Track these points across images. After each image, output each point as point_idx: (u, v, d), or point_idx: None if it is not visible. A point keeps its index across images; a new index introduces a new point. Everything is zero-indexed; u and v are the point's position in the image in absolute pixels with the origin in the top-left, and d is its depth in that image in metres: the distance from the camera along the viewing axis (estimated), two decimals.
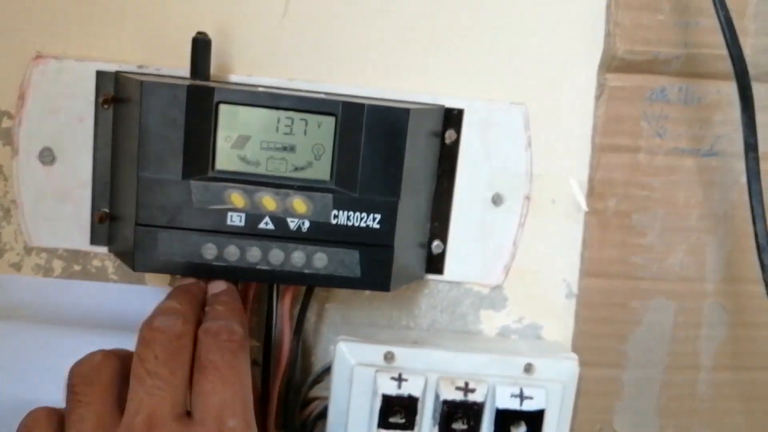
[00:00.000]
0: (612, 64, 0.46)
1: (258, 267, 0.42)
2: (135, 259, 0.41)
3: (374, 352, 0.45)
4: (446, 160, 0.46)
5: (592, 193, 0.48)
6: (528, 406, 0.44)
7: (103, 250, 0.47)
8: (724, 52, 0.43)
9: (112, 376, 0.36)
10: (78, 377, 0.36)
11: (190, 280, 0.42)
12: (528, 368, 0.46)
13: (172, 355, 0.36)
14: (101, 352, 0.38)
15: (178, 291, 0.41)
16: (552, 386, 0.45)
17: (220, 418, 0.35)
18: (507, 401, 0.44)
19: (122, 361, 0.37)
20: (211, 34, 0.43)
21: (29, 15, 0.45)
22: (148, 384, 0.35)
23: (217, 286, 0.42)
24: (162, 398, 0.35)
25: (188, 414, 0.36)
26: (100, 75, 0.45)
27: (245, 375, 0.36)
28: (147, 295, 0.48)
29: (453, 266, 0.48)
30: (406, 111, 0.41)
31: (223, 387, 0.35)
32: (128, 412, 0.35)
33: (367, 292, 0.49)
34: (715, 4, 0.43)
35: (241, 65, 0.46)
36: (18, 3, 0.44)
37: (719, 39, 0.43)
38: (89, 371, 0.36)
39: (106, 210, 0.46)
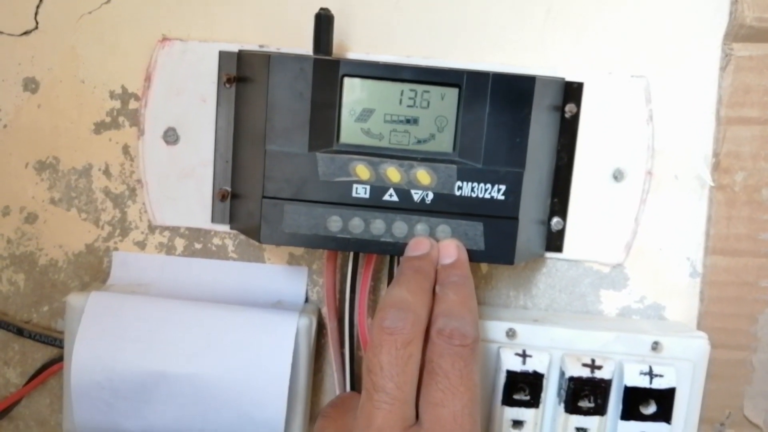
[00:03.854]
0: (739, 33, 0.45)
1: (382, 239, 0.42)
2: (261, 232, 0.42)
3: (496, 329, 0.44)
4: (566, 134, 0.46)
5: (717, 168, 0.46)
6: (658, 384, 0.43)
7: (223, 228, 0.47)
8: None
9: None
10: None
11: (419, 250, 0.40)
12: (655, 346, 0.44)
13: (399, 367, 0.34)
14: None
15: (410, 271, 0.39)
16: (682, 365, 0.44)
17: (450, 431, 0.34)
18: (636, 379, 0.43)
19: None
20: None
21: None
22: (374, 398, 0.34)
23: (448, 255, 0.40)
24: (390, 412, 0.34)
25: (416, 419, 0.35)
26: (223, 55, 0.46)
27: (475, 384, 0.35)
28: (266, 272, 0.48)
29: (572, 244, 0.47)
30: (532, 79, 0.40)
31: (452, 398, 0.34)
32: (358, 425, 0.35)
33: (484, 270, 0.48)
34: None
35: (359, 44, 0.46)
36: None
37: None
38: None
39: (227, 188, 0.46)
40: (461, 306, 0.37)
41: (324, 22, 0.43)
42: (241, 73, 0.45)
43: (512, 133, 0.41)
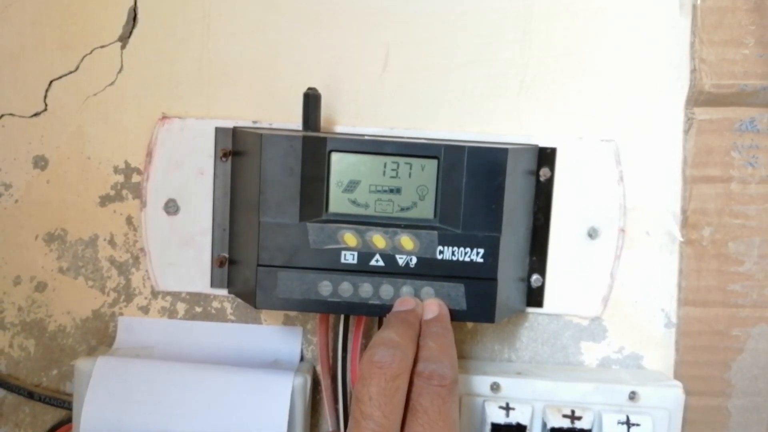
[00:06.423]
0: (699, 98, 0.48)
1: (370, 302, 0.44)
2: (257, 298, 0.44)
3: (481, 383, 0.47)
4: (541, 196, 0.49)
5: (686, 224, 0.49)
6: None
7: (221, 292, 0.50)
8: None
9: None
10: None
11: (405, 306, 0.43)
12: (632, 396, 0.46)
13: (386, 397, 0.37)
14: None
15: (397, 321, 0.42)
16: (658, 413, 0.46)
17: None
18: (614, 428, 0.45)
19: None
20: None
21: (156, 81, 0.50)
22: (362, 426, 0.36)
23: (431, 311, 0.43)
24: None
25: None
26: (219, 131, 0.49)
27: (453, 420, 0.38)
28: (263, 333, 0.51)
29: (552, 299, 0.50)
30: (505, 150, 0.44)
31: None
32: None
33: (470, 326, 0.51)
34: None
35: (346, 117, 0.50)
36: (145, 70, 0.49)
37: None
38: None
39: (225, 255, 0.49)
40: (440, 352, 0.40)
41: (312, 100, 0.46)
42: (236, 148, 0.48)
43: (488, 200, 0.44)
